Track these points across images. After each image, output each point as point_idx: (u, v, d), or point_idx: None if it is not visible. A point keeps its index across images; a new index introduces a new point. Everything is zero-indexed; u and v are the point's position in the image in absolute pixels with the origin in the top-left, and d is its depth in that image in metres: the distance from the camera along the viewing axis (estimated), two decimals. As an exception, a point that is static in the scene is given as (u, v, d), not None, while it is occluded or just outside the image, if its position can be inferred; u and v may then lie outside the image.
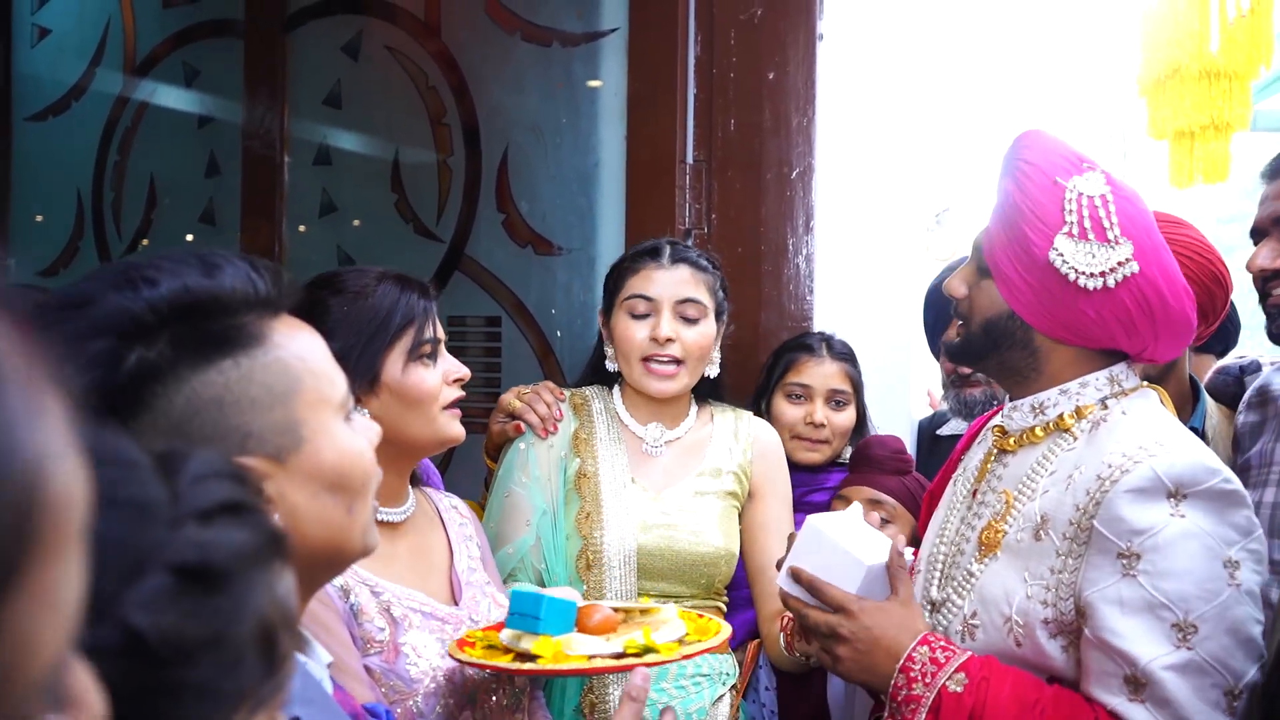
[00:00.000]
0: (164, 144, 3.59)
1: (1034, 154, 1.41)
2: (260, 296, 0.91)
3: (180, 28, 3.53)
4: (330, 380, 0.95)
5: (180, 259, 0.88)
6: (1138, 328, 1.38)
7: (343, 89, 3.17)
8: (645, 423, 2.00)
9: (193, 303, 0.86)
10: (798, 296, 2.48)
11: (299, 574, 0.92)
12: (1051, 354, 1.43)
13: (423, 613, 1.51)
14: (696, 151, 2.56)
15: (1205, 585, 1.25)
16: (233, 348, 0.88)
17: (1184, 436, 1.36)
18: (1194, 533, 1.26)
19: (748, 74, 2.51)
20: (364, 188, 3.14)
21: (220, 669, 0.56)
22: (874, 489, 2.04)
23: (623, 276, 1.98)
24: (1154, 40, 4.52)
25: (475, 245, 2.93)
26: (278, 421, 0.89)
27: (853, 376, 2.27)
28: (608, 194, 2.72)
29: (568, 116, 2.80)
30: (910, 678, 1.36)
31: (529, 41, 2.85)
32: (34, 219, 3.93)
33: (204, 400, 0.85)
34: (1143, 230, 1.37)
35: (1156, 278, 1.36)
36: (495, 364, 2.89)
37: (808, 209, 2.49)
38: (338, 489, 0.93)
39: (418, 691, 1.43)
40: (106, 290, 0.85)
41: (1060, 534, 1.34)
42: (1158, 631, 1.25)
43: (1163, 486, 1.28)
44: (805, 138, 2.48)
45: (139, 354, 0.84)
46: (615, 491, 1.93)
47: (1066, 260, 1.36)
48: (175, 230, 3.57)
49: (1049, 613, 1.33)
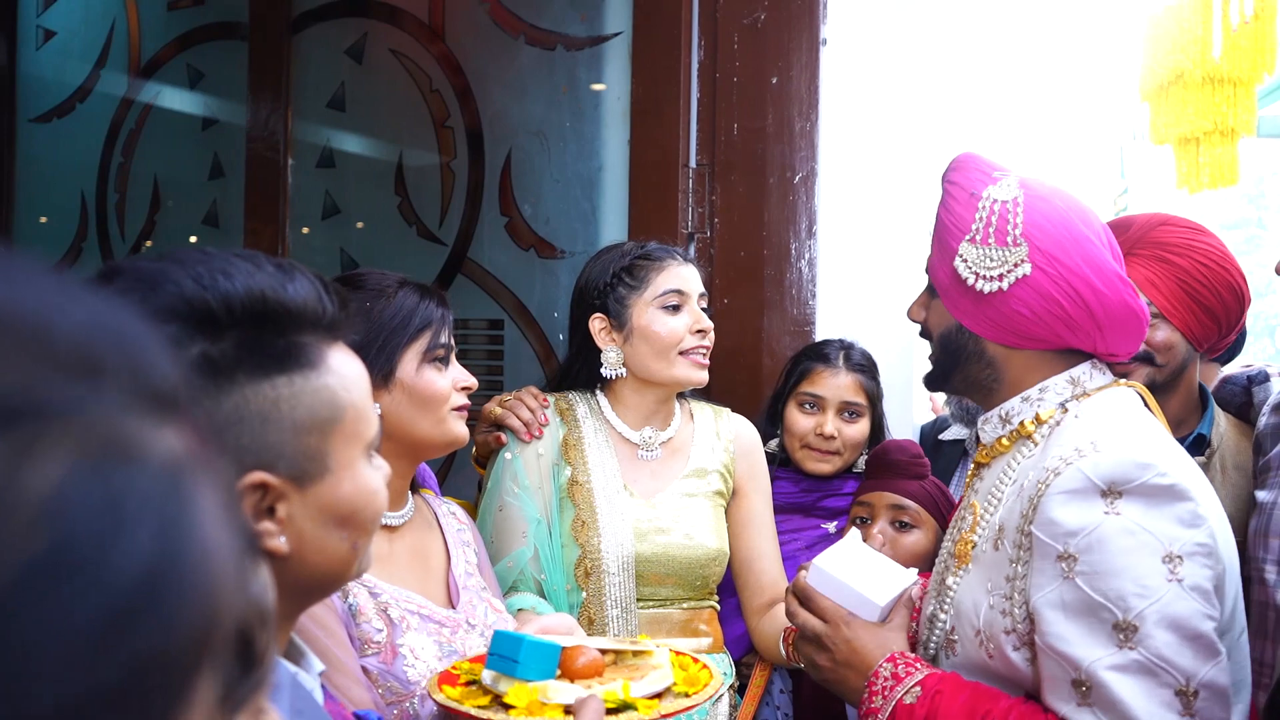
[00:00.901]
0: (168, 146, 3.59)
1: (958, 174, 1.46)
2: (325, 319, 0.91)
3: (185, 30, 3.54)
4: (368, 419, 0.95)
5: (257, 260, 0.88)
6: (1076, 320, 1.38)
7: (347, 92, 3.17)
8: (639, 426, 1.98)
9: (264, 310, 0.86)
10: (800, 301, 2.48)
11: (291, 594, 0.91)
12: (1007, 362, 1.45)
13: (420, 615, 1.51)
14: (699, 156, 2.56)
15: (1143, 582, 1.23)
16: (291, 365, 0.88)
17: (1123, 433, 1.33)
18: (1130, 529, 1.25)
19: (751, 78, 2.52)
20: (367, 190, 3.15)
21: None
22: (896, 494, 2.03)
23: (647, 273, 1.95)
24: (1157, 46, 4.53)
25: (478, 248, 2.93)
26: (310, 448, 0.89)
27: (868, 389, 2.23)
28: (611, 198, 2.73)
29: (571, 120, 2.80)
30: (873, 691, 1.41)
31: (533, 45, 2.86)
32: (38, 220, 3.94)
33: (250, 410, 0.85)
34: (1055, 228, 1.38)
35: (1068, 272, 1.37)
36: (498, 367, 2.89)
37: (810, 213, 2.49)
38: (346, 524, 0.93)
39: (414, 693, 1.44)
40: (182, 275, 0.84)
41: (1011, 542, 1.34)
42: (1100, 633, 1.24)
43: (1094, 486, 1.27)
44: (808, 142, 2.48)
45: (203, 347, 0.83)
46: (609, 498, 1.92)
47: (968, 264, 1.40)
48: (179, 232, 3.57)
49: (1008, 623, 1.34)
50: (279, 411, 0.87)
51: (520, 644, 1.29)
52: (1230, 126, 4.46)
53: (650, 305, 1.93)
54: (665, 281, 1.94)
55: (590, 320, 1.97)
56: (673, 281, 1.94)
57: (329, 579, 0.95)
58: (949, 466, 2.58)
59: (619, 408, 1.99)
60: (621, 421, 1.98)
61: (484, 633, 1.59)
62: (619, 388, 1.99)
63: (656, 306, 1.93)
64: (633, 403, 1.98)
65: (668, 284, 1.94)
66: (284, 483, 0.88)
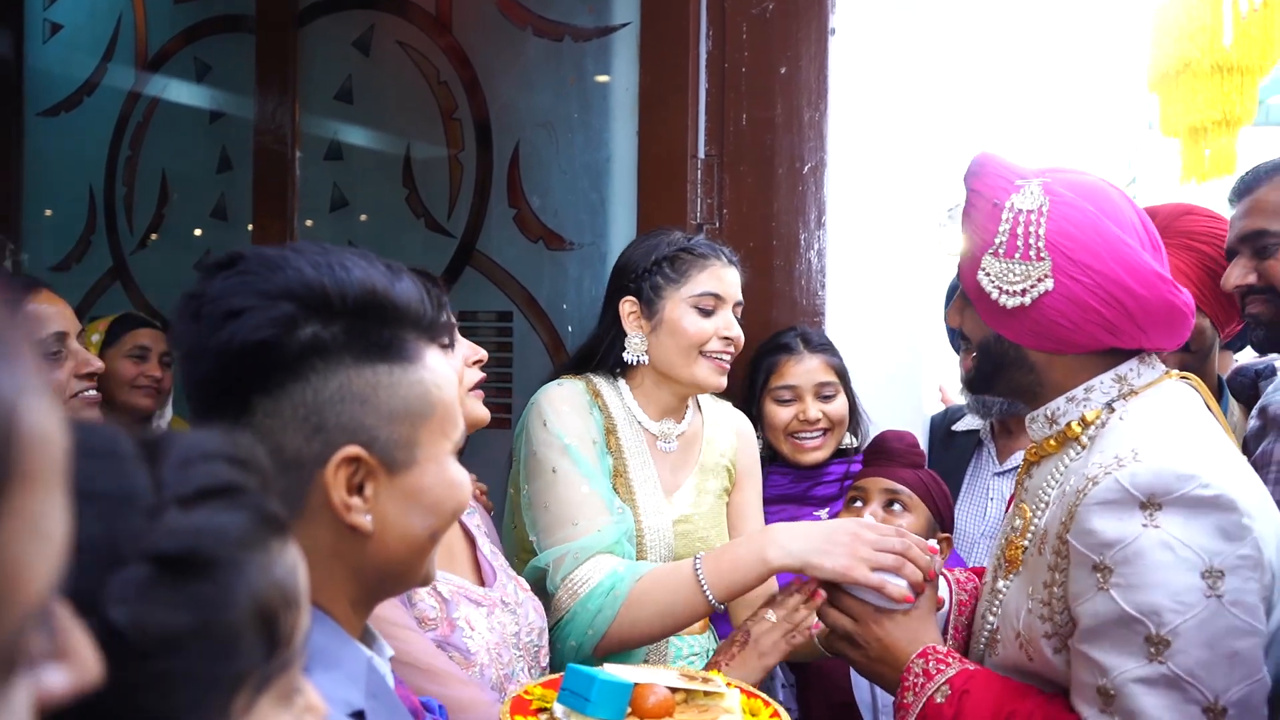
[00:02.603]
0: (175, 139, 3.60)
1: (978, 181, 1.43)
2: (426, 320, 0.98)
3: (191, 23, 3.54)
4: (456, 419, 1.01)
5: (370, 258, 0.96)
6: (1117, 325, 1.35)
7: (354, 84, 3.17)
8: (658, 418, 1.95)
9: (374, 302, 0.93)
10: (809, 291, 2.48)
11: (370, 578, 0.96)
12: (1050, 366, 1.41)
13: (463, 594, 1.53)
14: (708, 146, 2.55)
15: (1180, 598, 1.19)
16: (392, 357, 0.94)
17: (1167, 441, 1.28)
18: (1168, 543, 1.20)
19: (759, 69, 2.51)
20: (375, 183, 3.15)
21: (210, 656, 0.55)
22: (890, 479, 2.05)
23: (689, 269, 1.91)
24: (1166, 36, 4.51)
25: (486, 240, 2.93)
26: (402, 435, 0.95)
27: (836, 366, 2.26)
28: (619, 189, 2.72)
29: (579, 111, 2.80)
30: (905, 687, 1.42)
31: (540, 36, 2.85)
32: (46, 214, 3.95)
33: (352, 392, 0.92)
34: (1083, 235, 1.34)
35: (1091, 284, 1.33)
36: (507, 359, 2.89)
37: (819, 204, 2.48)
38: (429, 514, 0.98)
39: (475, 662, 1.46)
40: (303, 262, 0.91)
41: (1051, 548, 1.33)
42: (1131, 644, 1.22)
43: (1132, 498, 1.23)
44: (817, 132, 2.48)
45: (315, 329, 0.91)
46: (648, 493, 1.90)
47: (990, 279, 1.37)
48: (187, 225, 3.58)
49: (1048, 626, 1.33)
50: (377, 397, 0.93)
51: (593, 682, 1.30)
52: (1235, 116, 4.45)
53: (684, 301, 1.89)
54: (705, 281, 1.90)
55: (621, 302, 1.93)
56: (712, 283, 1.90)
57: (404, 566, 0.99)
58: (963, 457, 2.57)
59: (640, 397, 1.95)
60: (642, 411, 1.94)
61: (515, 611, 1.60)
62: (640, 376, 1.95)
63: (690, 304, 1.89)
64: (653, 394, 1.95)
65: (706, 285, 1.90)
66: (375, 463, 0.93)
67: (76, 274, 3.80)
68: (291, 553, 0.63)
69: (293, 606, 0.61)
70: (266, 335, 0.89)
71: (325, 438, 0.91)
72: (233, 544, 0.58)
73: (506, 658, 1.53)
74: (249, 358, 0.90)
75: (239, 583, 0.57)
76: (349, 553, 0.95)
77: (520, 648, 1.59)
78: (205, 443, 0.61)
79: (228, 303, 0.90)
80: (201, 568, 0.56)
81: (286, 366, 0.90)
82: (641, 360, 1.92)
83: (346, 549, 0.95)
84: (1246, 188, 1.76)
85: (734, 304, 1.93)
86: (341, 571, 0.95)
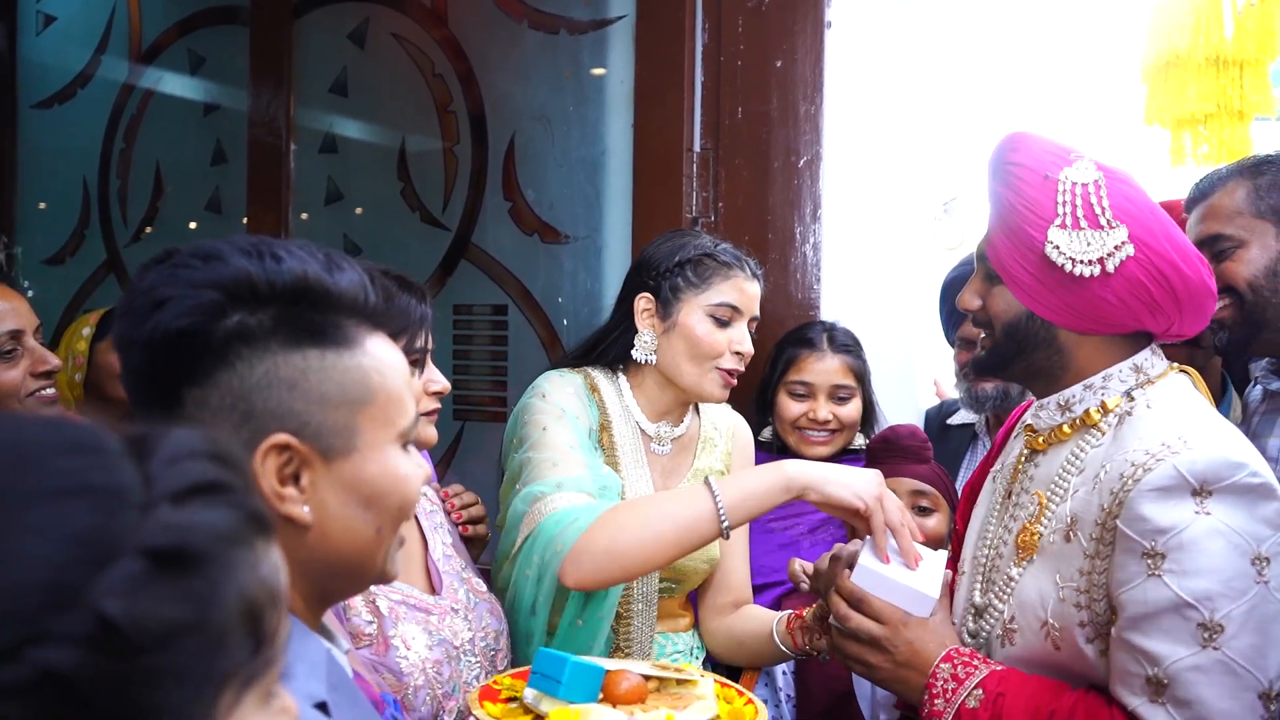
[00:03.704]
0: (170, 132, 3.59)
1: (1022, 155, 1.42)
2: (367, 307, 0.95)
3: (185, 15, 3.53)
4: (400, 407, 0.97)
5: (310, 250, 0.94)
6: (1160, 304, 1.37)
7: (349, 77, 3.16)
8: (655, 419, 1.92)
9: (305, 289, 0.91)
10: (805, 285, 2.48)
11: (319, 573, 0.94)
12: (1078, 348, 1.42)
13: (408, 604, 1.50)
14: (704, 140, 2.55)
15: (1232, 584, 1.22)
16: (325, 341, 0.92)
17: (1210, 428, 1.32)
18: (1220, 530, 1.23)
19: (755, 62, 2.50)
20: (370, 176, 3.14)
21: (200, 653, 0.55)
22: (913, 479, 2.03)
23: (711, 276, 1.87)
24: (1158, 27, 4.50)
25: (482, 234, 2.93)
26: (337, 422, 0.92)
27: (855, 369, 2.24)
28: (615, 182, 2.72)
29: (575, 104, 2.79)
30: (933, 693, 1.39)
31: (536, 29, 2.84)
32: (40, 207, 3.94)
33: (279, 377, 0.90)
34: (1139, 210, 1.36)
35: (1158, 255, 1.35)
36: (501, 352, 2.89)
37: (815, 198, 2.48)
38: (370, 506, 0.94)
39: (408, 685, 1.43)
40: (235, 253, 0.91)
41: (1088, 535, 1.32)
42: (1183, 631, 1.23)
43: (1186, 484, 1.25)
44: (813, 126, 2.47)
45: (241, 317, 0.89)
46: (637, 493, 1.86)
47: (1062, 251, 1.36)
48: (181, 218, 3.57)
49: (1084, 615, 1.32)
50: (307, 381, 0.91)
51: (564, 664, 1.27)
52: (1236, 109, 4.43)
53: (701, 308, 1.85)
54: (725, 292, 1.86)
55: (638, 298, 1.90)
56: (732, 294, 1.87)
57: (354, 562, 0.96)
58: (958, 450, 2.57)
59: (639, 396, 1.92)
60: (639, 411, 1.91)
61: (467, 617, 1.58)
62: (643, 376, 1.92)
63: (707, 312, 1.85)
64: (654, 395, 1.92)
65: (726, 295, 1.86)
66: (309, 451, 0.90)
67: (70, 267, 3.80)
68: (275, 552, 0.63)
69: (277, 605, 0.62)
70: (189, 323, 0.88)
71: (254, 425, 0.89)
72: (223, 540, 0.58)
73: (447, 673, 1.49)
74: (174, 347, 0.89)
75: (229, 579, 0.57)
76: (291, 546, 0.91)
77: (476, 653, 1.56)
78: (191, 440, 0.61)
79: (156, 293, 0.90)
80: (194, 563, 0.56)
81: (213, 353, 0.89)
82: (649, 359, 1.89)
83: (287, 542, 0.91)
84: (1201, 194, 1.79)
85: (750, 318, 1.90)
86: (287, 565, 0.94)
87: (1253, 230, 1.71)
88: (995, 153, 1.45)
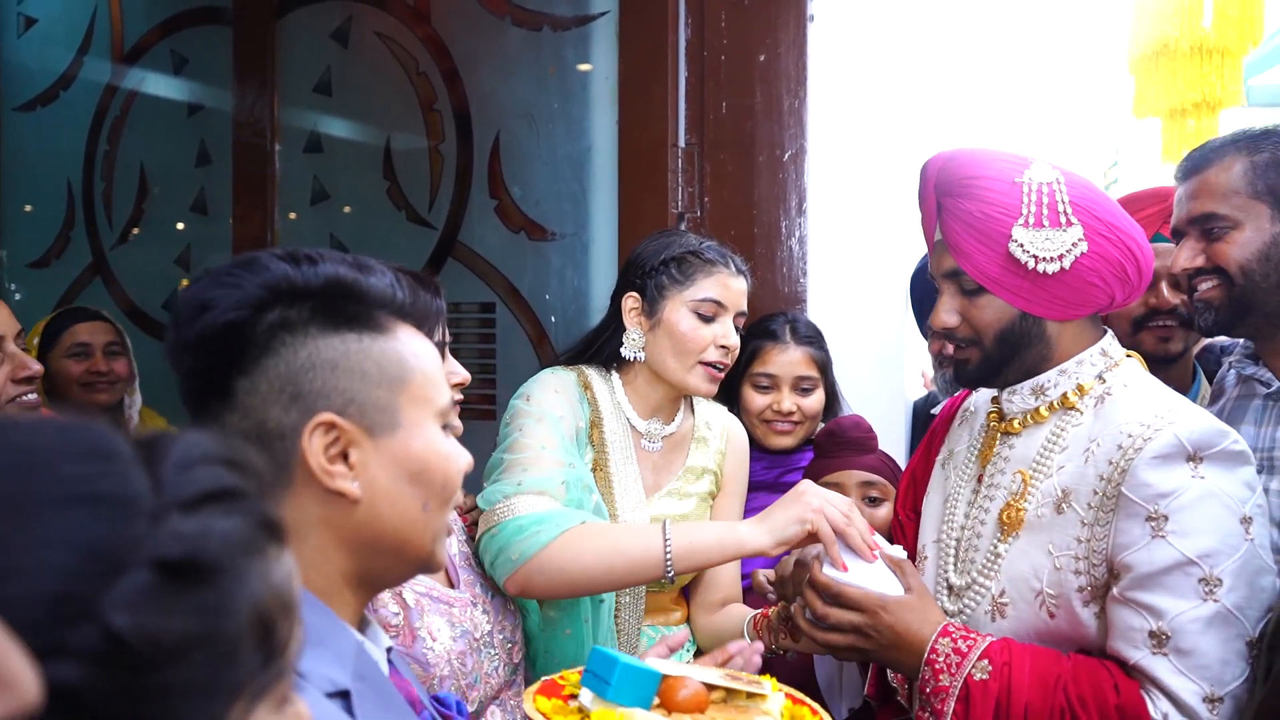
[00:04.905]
0: (154, 133, 3.57)
1: (977, 168, 1.49)
2: (397, 302, 1.02)
3: (168, 15, 3.51)
4: (437, 386, 1.02)
5: (341, 257, 1.01)
6: (1129, 278, 1.48)
7: (333, 76, 3.15)
8: (646, 416, 1.94)
9: (339, 286, 0.98)
10: (791, 279, 2.48)
11: (366, 551, 0.97)
12: (1060, 336, 1.51)
13: (431, 596, 1.53)
14: (688, 135, 2.56)
15: (1227, 540, 1.33)
16: (361, 327, 0.98)
17: (1187, 403, 1.44)
18: (1214, 493, 1.34)
19: (739, 56, 2.51)
20: (355, 175, 3.14)
21: (211, 665, 0.54)
22: (863, 470, 2.05)
23: (694, 273, 1.88)
24: (1145, 17, 4.52)
25: (468, 231, 2.93)
26: (380, 399, 0.97)
27: (818, 360, 2.25)
28: (600, 178, 2.72)
29: (559, 101, 2.79)
30: (936, 670, 1.44)
31: (519, 26, 2.84)
32: (25, 210, 3.92)
33: (322, 359, 0.96)
34: (1092, 206, 1.46)
35: (1116, 241, 1.45)
36: (490, 350, 2.89)
37: (800, 191, 2.48)
38: (418, 482, 0.99)
39: (434, 675, 1.45)
40: (274, 259, 0.97)
41: (1085, 504, 1.41)
42: (1186, 587, 1.33)
43: (1184, 450, 1.35)
44: (797, 120, 2.48)
45: (282, 310, 0.96)
46: (626, 489, 1.89)
47: (1025, 248, 1.44)
48: (167, 219, 3.56)
49: (1082, 580, 1.40)
50: (349, 361, 0.96)
51: (614, 665, 1.22)
52: (1216, 98, 4.46)
53: (685, 305, 1.87)
54: (708, 288, 1.88)
55: (625, 297, 1.92)
56: (715, 290, 1.88)
57: (402, 538, 1.00)
58: (942, 441, 2.59)
59: (631, 393, 1.94)
60: (631, 408, 1.93)
61: (486, 610, 1.60)
62: (634, 373, 1.94)
63: (690, 308, 1.87)
64: (645, 392, 1.94)
65: (710, 291, 1.88)
66: (355, 429, 0.96)
67: (56, 270, 3.78)
68: (288, 559, 0.62)
69: (290, 614, 0.61)
70: (235, 316, 0.94)
71: (302, 405, 0.94)
72: (236, 550, 0.57)
73: (470, 664, 1.52)
74: (222, 340, 0.94)
75: (241, 589, 0.56)
76: (338, 521, 0.96)
77: (495, 645, 1.59)
78: (202, 445, 0.60)
79: (200, 298, 0.95)
80: (205, 574, 0.55)
81: (258, 344, 0.94)
82: (638, 357, 1.91)
83: (335, 517, 0.96)
84: (1195, 167, 1.72)
85: (736, 313, 1.92)
86: (332, 543, 0.96)
87: (1248, 211, 1.65)
88: (942, 175, 1.51)
